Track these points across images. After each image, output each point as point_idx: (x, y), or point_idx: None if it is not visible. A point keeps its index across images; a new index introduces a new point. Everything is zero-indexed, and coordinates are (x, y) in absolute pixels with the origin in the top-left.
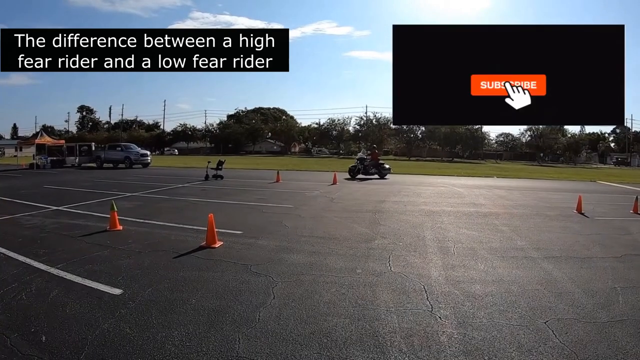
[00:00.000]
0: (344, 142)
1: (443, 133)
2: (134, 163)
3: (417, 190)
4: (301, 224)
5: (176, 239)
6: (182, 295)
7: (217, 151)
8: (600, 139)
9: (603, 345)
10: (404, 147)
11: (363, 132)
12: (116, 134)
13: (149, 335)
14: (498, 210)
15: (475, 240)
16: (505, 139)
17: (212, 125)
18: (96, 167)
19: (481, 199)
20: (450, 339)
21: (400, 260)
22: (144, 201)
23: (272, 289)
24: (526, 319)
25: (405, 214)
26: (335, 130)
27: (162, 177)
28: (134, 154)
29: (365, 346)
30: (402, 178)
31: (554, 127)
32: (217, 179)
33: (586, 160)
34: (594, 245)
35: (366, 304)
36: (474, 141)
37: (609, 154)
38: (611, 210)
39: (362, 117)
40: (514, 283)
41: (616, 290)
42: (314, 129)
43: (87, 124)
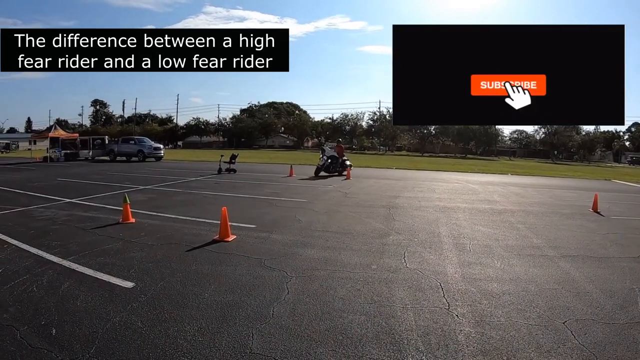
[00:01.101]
0: (357, 137)
1: (456, 129)
2: (147, 156)
3: (431, 186)
4: (315, 218)
5: (189, 232)
6: (194, 289)
7: (230, 145)
8: (615, 138)
9: (622, 348)
10: (417, 143)
11: (376, 128)
12: (129, 128)
13: (160, 330)
14: (513, 207)
15: (491, 238)
16: (519, 136)
17: (225, 120)
18: (109, 160)
19: (496, 196)
20: (467, 338)
21: (416, 256)
22: (157, 194)
23: (286, 284)
24: (545, 319)
25: (419, 209)
26: (349, 125)
27: (175, 170)
28: (147, 148)
29: (382, 344)
30: (415, 174)
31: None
32: (230, 172)
33: (600, 159)
34: (610, 244)
35: (382, 300)
36: (487, 138)
37: (624, 152)
38: (627, 210)
39: (375, 112)
40: (531, 282)
41: (634, 291)
42: (327, 124)
43: (101, 118)
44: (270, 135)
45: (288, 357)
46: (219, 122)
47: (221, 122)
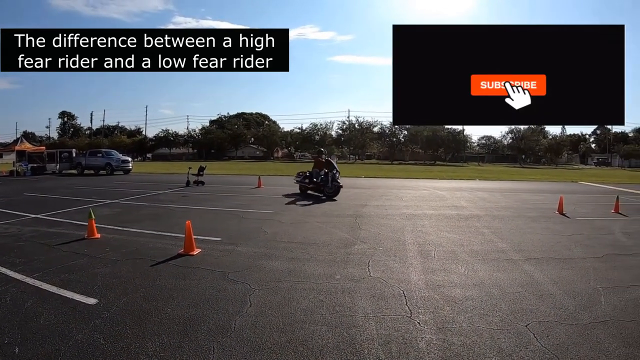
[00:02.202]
0: (326, 146)
1: (425, 136)
2: (115, 170)
3: (399, 194)
4: (281, 229)
5: (154, 246)
6: (157, 304)
7: (200, 157)
8: (581, 140)
9: (585, 348)
10: (386, 151)
11: (345, 137)
12: (98, 140)
13: (122, 346)
14: (479, 212)
15: (456, 244)
16: (487, 142)
17: (194, 131)
18: (77, 174)
19: (463, 202)
20: (429, 345)
21: (380, 265)
22: (124, 208)
23: (249, 297)
24: (507, 323)
25: (386, 218)
26: (318, 135)
27: (143, 183)
28: (115, 161)
29: (342, 354)
30: (384, 182)
31: (535, 129)
32: (199, 185)
33: (567, 162)
34: (575, 245)
35: (344, 310)
36: (456, 144)
37: (590, 154)
38: (592, 211)
39: (344, 121)
40: (494, 286)
41: (598, 290)
42: (297, 134)
43: (69, 130)
44: (240, 146)
45: None
46: (189, 134)
47: (191, 134)
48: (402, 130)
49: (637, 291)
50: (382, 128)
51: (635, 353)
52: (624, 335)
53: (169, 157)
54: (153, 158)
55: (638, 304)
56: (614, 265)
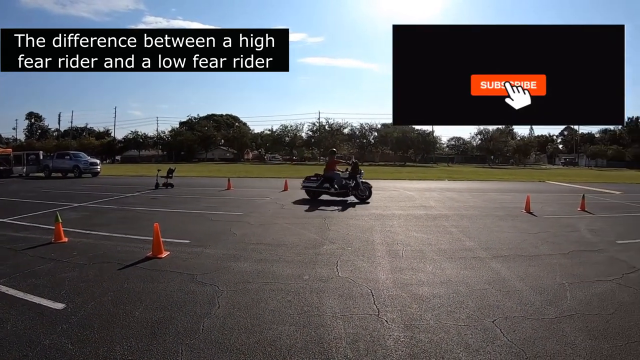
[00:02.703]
0: (297, 148)
1: (395, 138)
2: (83, 172)
3: None
4: (250, 231)
5: (122, 250)
6: (125, 307)
7: (170, 159)
8: (549, 141)
9: (552, 341)
10: (357, 153)
11: (316, 138)
12: (66, 142)
13: (90, 351)
14: (448, 212)
15: (424, 243)
16: (457, 143)
17: (164, 133)
18: (44, 177)
19: (432, 202)
20: (396, 343)
21: (348, 265)
22: (92, 211)
23: (217, 299)
24: (474, 319)
25: (355, 218)
26: (288, 136)
27: (112, 186)
28: (83, 163)
29: (310, 353)
30: None
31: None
32: (168, 187)
33: (535, 162)
34: (542, 243)
35: (312, 310)
36: (425, 145)
37: (558, 155)
38: (559, 209)
39: (314, 123)
40: (462, 283)
41: (564, 286)
42: (267, 136)
43: (36, 132)
44: (210, 148)
45: None
46: (158, 135)
47: (160, 135)
48: (372, 132)
49: (602, 286)
50: (352, 129)
51: (600, 345)
52: (590, 328)
53: (138, 159)
54: (122, 160)
55: (603, 298)
56: (579, 261)
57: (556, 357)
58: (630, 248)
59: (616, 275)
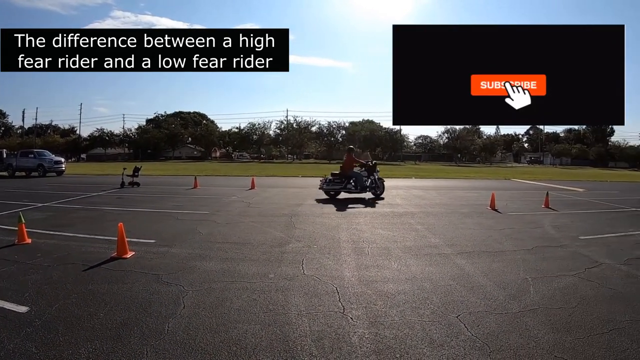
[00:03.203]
0: (264, 146)
1: (363, 136)
2: (47, 171)
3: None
4: (216, 230)
5: (87, 250)
6: (89, 309)
7: (136, 157)
8: (515, 140)
9: (515, 335)
10: (325, 151)
11: (283, 136)
12: (30, 140)
13: (55, 354)
14: (414, 209)
15: (390, 240)
16: (424, 141)
17: (130, 130)
18: (7, 176)
19: (398, 199)
20: (361, 339)
21: (314, 263)
22: (56, 211)
23: (183, 299)
24: (438, 315)
25: (321, 216)
26: (256, 134)
27: (77, 185)
28: (47, 162)
29: (276, 351)
30: None
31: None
32: (134, 186)
33: (501, 160)
34: (506, 239)
35: (277, 308)
36: (393, 143)
37: (523, 153)
38: (523, 206)
39: (282, 121)
40: (426, 280)
41: (527, 281)
42: (235, 134)
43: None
44: (178, 146)
45: None
46: (124, 133)
47: (126, 133)
48: (339, 130)
49: (565, 280)
50: (320, 128)
51: (563, 338)
52: (552, 322)
53: (104, 158)
54: (87, 159)
55: (566, 292)
56: (542, 256)
57: (519, 350)
58: (592, 243)
59: (579, 270)
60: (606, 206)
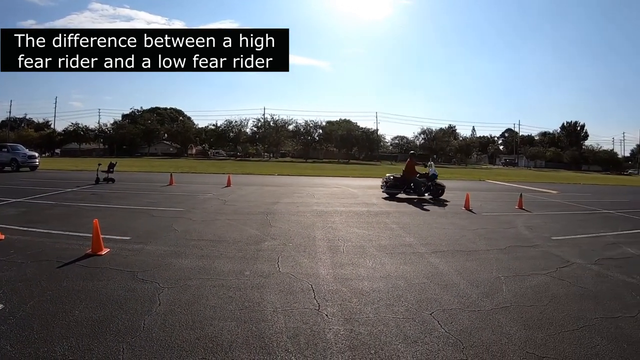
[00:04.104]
0: (241, 144)
1: (340, 135)
2: (21, 166)
3: (311, 192)
4: (191, 227)
5: (61, 247)
6: (65, 307)
7: (111, 153)
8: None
9: (488, 332)
10: (301, 150)
11: (260, 134)
12: (3, 134)
13: (30, 352)
14: (389, 209)
15: (365, 239)
16: (400, 142)
17: (105, 125)
18: None
19: (374, 199)
20: (336, 336)
21: (289, 260)
22: (30, 207)
23: (158, 296)
24: (412, 312)
25: (297, 214)
26: (233, 132)
27: (51, 181)
28: (21, 156)
29: (251, 348)
30: (297, 180)
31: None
32: (108, 182)
33: (477, 162)
34: (479, 239)
35: (253, 306)
36: (369, 143)
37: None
38: (498, 207)
39: (259, 119)
40: (401, 278)
41: (500, 279)
42: (211, 131)
43: None
44: (153, 142)
45: None
46: (100, 128)
47: (102, 128)
48: (316, 129)
49: (537, 279)
50: (297, 126)
51: (534, 335)
52: (524, 319)
53: (79, 153)
54: (62, 153)
55: (537, 291)
56: (515, 256)
57: (492, 346)
58: (564, 244)
59: (551, 269)
60: (578, 208)
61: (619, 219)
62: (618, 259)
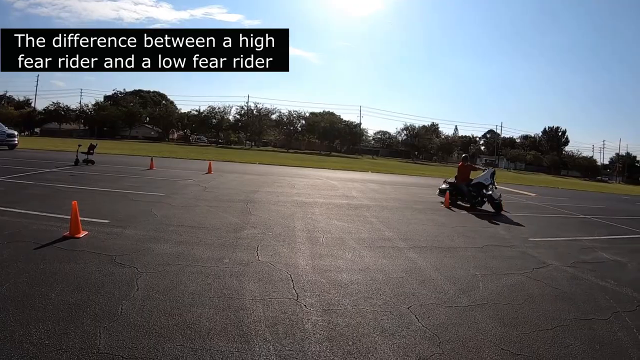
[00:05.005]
0: (223, 130)
1: (322, 127)
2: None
3: (291, 182)
4: (171, 212)
5: (38, 228)
6: (41, 289)
7: (92, 134)
8: (472, 142)
9: (464, 328)
10: (283, 139)
11: (243, 122)
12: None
13: (5, 335)
14: (370, 202)
15: (345, 231)
16: (383, 137)
17: (87, 106)
18: None
19: (354, 192)
20: (314, 326)
21: (269, 249)
22: (6, 187)
23: (137, 281)
24: (390, 305)
25: (277, 204)
26: (215, 118)
27: (30, 160)
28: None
29: (230, 336)
30: (278, 169)
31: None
32: (88, 164)
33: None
34: (458, 236)
35: (232, 293)
36: (352, 137)
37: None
38: None
39: (243, 106)
40: (379, 271)
41: (477, 277)
42: (194, 116)
43: None
44: (135, 125)
45: (135, 354)
46: (81, 109)
47: (83, 109)
48: (300, 120)
49: (513, 278)
50: (280, 116)
51: (510, 332)
52: (500, 316)
53: (59, 133)
54: (41, 133)
55: (513, 290)
56: (492, 255)
57: (468, 342)
58: (541, 245)
59: (527, 269)
60: (556, 211)
61: (595, 224)
62: (593, 262)
